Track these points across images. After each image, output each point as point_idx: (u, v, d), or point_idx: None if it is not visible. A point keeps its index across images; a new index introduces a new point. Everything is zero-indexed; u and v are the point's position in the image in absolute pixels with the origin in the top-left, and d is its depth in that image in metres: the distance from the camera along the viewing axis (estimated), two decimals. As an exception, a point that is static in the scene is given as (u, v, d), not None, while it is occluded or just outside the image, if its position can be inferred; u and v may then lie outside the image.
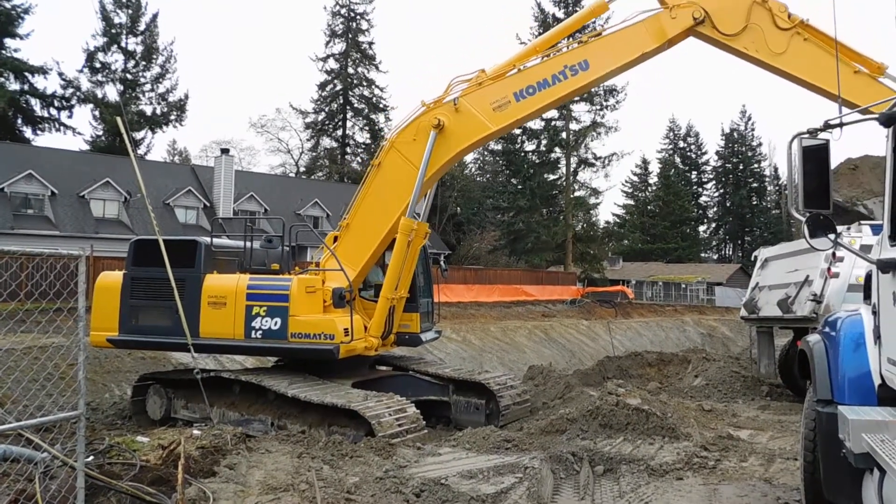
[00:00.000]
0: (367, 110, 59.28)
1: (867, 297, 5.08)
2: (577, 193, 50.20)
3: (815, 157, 4.67)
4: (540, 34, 40.84)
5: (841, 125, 4.88)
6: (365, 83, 58.99)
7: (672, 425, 9.02)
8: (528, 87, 10.99)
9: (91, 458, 6.56)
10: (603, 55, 10.90)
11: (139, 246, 11.50)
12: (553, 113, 47.85)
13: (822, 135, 4.79)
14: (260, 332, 10.69)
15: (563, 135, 48.12)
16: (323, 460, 7.77)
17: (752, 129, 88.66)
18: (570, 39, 11.93)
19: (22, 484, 5.69)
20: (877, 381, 4.65)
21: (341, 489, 6.75)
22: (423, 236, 12.02)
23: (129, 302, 11.24)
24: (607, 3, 11.46)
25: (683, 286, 60.13)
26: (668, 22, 10.44)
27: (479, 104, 11.16)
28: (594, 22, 21.14)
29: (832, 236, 4.57)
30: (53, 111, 45.38)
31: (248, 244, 11.62)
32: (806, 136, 4.75)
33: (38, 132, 45.53)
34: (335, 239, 11.85)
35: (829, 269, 11.50)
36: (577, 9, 43.92)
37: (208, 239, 11.65)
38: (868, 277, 5.05)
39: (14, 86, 42.90)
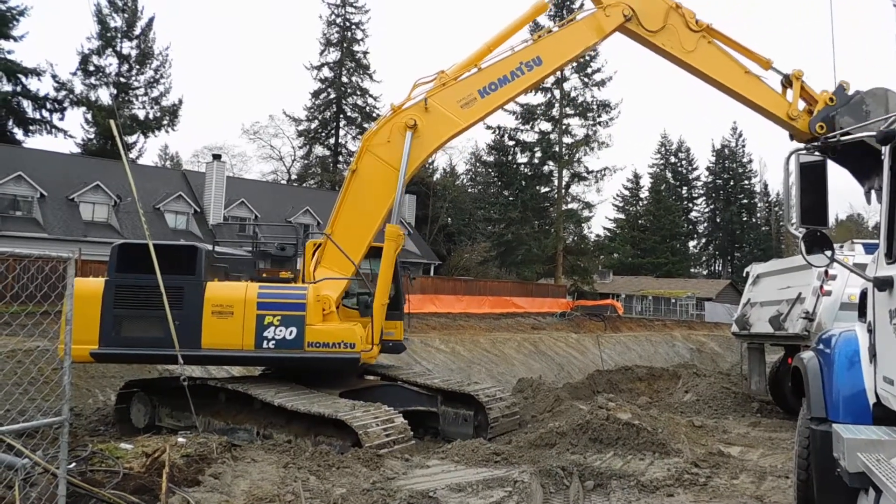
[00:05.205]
0: (360, 119, 59.16)
1: (862, 314, 5.06)
2: (569, 206, 50.22)
3: (812, 173, 4.69)
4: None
5: (838, 142, 4.90)
6: (359, 92, 58.97)
7: (663, 441, 8.98)
8: (490, 84, 11.91)
9: (73, 465, 6.45)
10: (553, 51, 12.24)
11: (124, 251, 10.56)
12: (546, 126, 48.00)
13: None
14: (273, 342, 10.35)
15: (556, 148, 48.17)
16: (309, 471, 7.68)
17: (743, 146, 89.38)
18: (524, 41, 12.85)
19: (1, 491, 5.59)
20: (872, 400, 4.61)
21: (328, 500, 6.67)
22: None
23: (112, 311, 10.24)
24: (547, 2, 12.99)
25: (673, 301, 60.35)
26: (604, 19, 11.97)
27: (447, 103, 11.74)
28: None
29: (829, 253, 4.56)
30: (45, 113, 45.09)
31: (255, 251, 11.54)
32: (803, 152, 4.77)
33: (30, 134, 45.25)
34: (317, 246, 11.83)
35: (821, 286, 11.52)
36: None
37: (209, 245, 11.44)
38: (863, 295, 5.03)
39: (6, 87, 42.71)
